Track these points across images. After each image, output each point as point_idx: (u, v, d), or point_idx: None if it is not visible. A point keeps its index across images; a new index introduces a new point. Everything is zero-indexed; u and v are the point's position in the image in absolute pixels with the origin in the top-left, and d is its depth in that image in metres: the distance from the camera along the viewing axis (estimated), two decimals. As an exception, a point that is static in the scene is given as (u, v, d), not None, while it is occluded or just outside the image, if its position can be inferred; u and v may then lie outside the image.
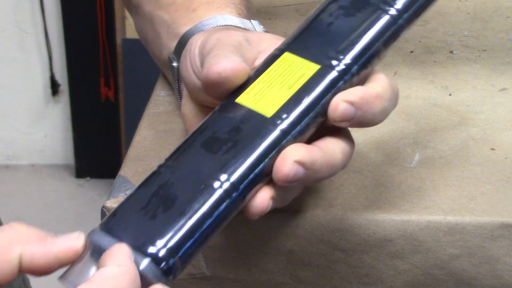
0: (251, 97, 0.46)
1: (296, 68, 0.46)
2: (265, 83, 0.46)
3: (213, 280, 0.56)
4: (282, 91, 0.45)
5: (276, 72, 0.46)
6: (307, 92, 0.45)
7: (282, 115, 0.44)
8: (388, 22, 0.46)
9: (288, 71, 0.46)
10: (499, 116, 0.64)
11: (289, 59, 0.46)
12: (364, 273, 0.54)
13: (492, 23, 0.80)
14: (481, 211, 0.53)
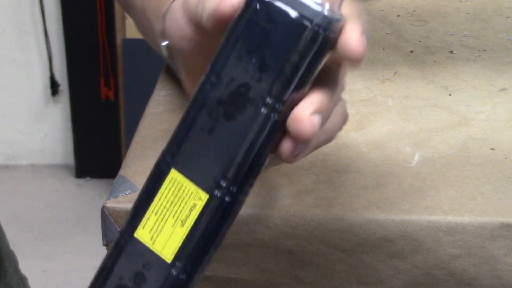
0: (148, 232, 0.45)
1: (186, 195, 0.44)
2: (159, 214, 0.45)
3: (213, 280, 0.56)
4: (176, 228, 0.45)
5: (167, 199, 0.45)
6: (200, 231, 0.44)
7: (180, 260, 0.44)
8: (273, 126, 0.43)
9: (179, 199, 0.44)
10: (499, 116, 0.64)
11: (178, 181, 0.44)
12: (364, 273, 0.54)
13: (492, 23, 0.80)
14: (481, 211, 0.53)
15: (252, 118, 0.43)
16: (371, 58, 0.73)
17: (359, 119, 0.63)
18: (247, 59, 0.42)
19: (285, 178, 0.56)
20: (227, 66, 0.43)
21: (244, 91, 0.43)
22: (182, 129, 0.44)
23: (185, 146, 0.44)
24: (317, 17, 0.42)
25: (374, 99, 0.66)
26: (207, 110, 0.43)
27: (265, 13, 0.42)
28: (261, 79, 0.42)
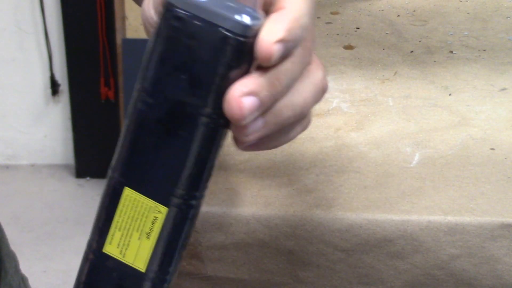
0: (116, 247, 0.46)
1: (145, 209, 0.45)
2: (123, 230, 0.45)
3: (213, 280, 0.56)
4: (143, 240, 0.45)
5: (127, 215, 0.45)
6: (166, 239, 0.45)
7: (153, 267, 0.45)
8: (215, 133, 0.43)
9: (139, 214, 0.45)
10: (499, 116, 0.64)
11: (134, 198, 0.45)
12: (364, 273, 0.54)
13: (492, 23, 0.80)
14: (481, 211, 0.53)
15: (193, 131, 0.43)
16: (371, 58, 0.73)
17: (359, 119, 0.63)
18: (175, 76, 0.42)
19: (285, 178, 0.57)
20: (157, 86, 0.43)
21: (180, 107, 0.43)
22: (127, 149, 0.44)
23: (134, 165, 0.44)
24: (237, 26, 0.42)
25: (374, 99, 0.66)
26: (147, 129, 0.43)
27: (184, 30, 0.42)
28: (195, 94, 0.42)
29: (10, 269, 0.83)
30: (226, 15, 0.41)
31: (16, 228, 2.15)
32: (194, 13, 0.42)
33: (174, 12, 0.42)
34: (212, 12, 0.42)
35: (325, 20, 0.81)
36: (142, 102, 0.43)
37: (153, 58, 0.43)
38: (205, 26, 0.42)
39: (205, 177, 0.44)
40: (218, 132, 0.43)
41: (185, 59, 0.42)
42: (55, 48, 2.28)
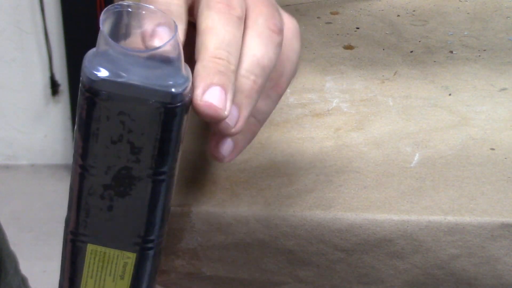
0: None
1: (113, 258, 0.46)
2: (95, 277, 0.46)
3: (213, 280, 0.56)
4: (117, 282, 0.46)
5: (96, 265, 0.46)
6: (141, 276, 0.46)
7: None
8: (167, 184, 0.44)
9: (109, 262, 0.46)
10: (499, 116, 0.64)
11: (99, 251, 0.46)
12: (364, 273, 0.54)
13: (492, 23, 0.80)
14: (481, 211, 0.53)
15: (143, 190, 0.44)
16: (371, 58, 0.73)
17: (359, 119, 0.63)
18: (115, 147, 0.43)
19: (285, 178, 0.57)
20: (98, 157, 0.43)
21: (126, 172, 0.43)
22: (82, 211, 0.45)
23: (92, 225, 0.45)
24: (165, 97, 0.42)
25: (374, 99, 0.66)
26: (97, 195, 0.44)
27: (113, 109, 0.42)
28: (138, 159, 0.43)
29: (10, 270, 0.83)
30: (151, 88, 0.41)
31: (16, 228, 2.15)
32: (120, 92, 0.41)
33: (100, 95, 0.41)
34: (139, 87, 0.41)
35: (325, 20, 0.81)
36: (86, 173, 0.44)
37: (88, 135, 0.43)
38: (133, 103, 0.42)
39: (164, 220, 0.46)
40: (166, 183, 0.44)
41: (121, 133, 0.42)
42: (55, 48, 2.28)
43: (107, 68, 0.41)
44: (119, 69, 0.41)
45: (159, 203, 0.44)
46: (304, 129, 0.62)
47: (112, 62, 0.42)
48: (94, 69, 0.41)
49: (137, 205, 0.44)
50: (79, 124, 0.43)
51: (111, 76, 0.41)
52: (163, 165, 0.43)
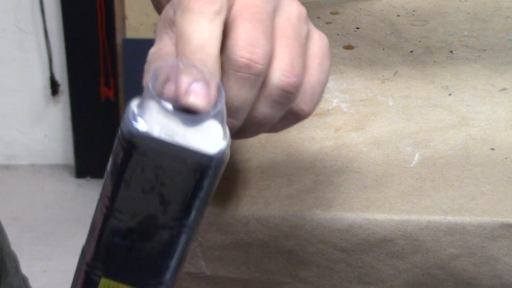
0: None
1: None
2: None
3: (213, 280, 0.56)
4: None
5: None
6: None
7: None
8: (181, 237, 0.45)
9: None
10: (499, 116, 0.64)
11: (111, 285, 0.46)
12: (364, 273, 0.54)
13: (492, 23, 0.80)
14: (481, 211, 0.53)
15: (166, 237, 0.44)
16: (371, 58, 0.73)
17: (359, 119, 0.64)
18: (144, 196, 0.43)
19: (285, 178, 0.57)
20: (126, 203, 0.43)
21: (152, 220, 0.44)
22: (102, 248, 0.45)
23: (109, 261, 0.45)
24: (203, 159, 0.42)
25: (374, 99, 0.66)
26: (120, 235, 0.44)
27: (150, 163, 0.42)
28: (165, 210, 0.43)
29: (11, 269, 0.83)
30: (190, 149, 0.42)
31: (16, 228, 2.16)
32: (158, 148, 0.42)
33: (138, 148, 0.42)
34: (177, 146, 0.42)
35: (325, 20, 0.81)
36: (112, 215, 0.44)
37: (120, 182, 0.43)
38: (170, 160, 0.42)
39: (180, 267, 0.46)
40: (188, 234, 0.44)
41: (153, 184, 0.43)
42: (55, 48, 2.28)
43: (148, 122, 0.42)
44: (160, 125, 0.42)
45: (177, 251, 0.45)
46: (304, 129, 0.62)
47: (154, 116, 0.42)
48: (135, 121, 0.42)
49: (157, 250, 0.45)
50: (112, 169, 0.43)
51: (152, 131, 0.41)
52: (188, 219, 0.44)
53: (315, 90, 0.47)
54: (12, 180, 2.39)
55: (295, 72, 0.46)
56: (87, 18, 2.17)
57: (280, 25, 0.47)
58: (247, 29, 0.45)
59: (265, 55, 0.45)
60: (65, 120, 2.38)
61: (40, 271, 2.01)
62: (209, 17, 0.44)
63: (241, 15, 0.45)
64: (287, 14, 0.47)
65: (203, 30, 0.44)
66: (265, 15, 0.46)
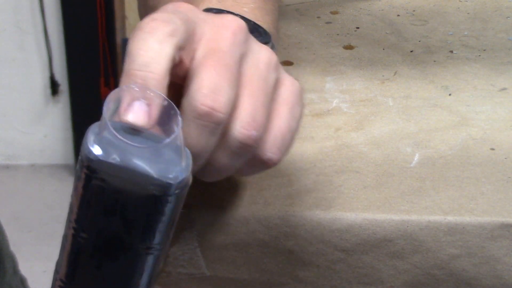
0: None
1: None
2: None
3: (213, 280, 0.56)
4: None
5: None
6: None
7: None
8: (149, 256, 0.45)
9: None
10: (499, 116, 0.64)
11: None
12: (364, 273, 0.54)
13: (492, 23, 0.80)
14: (481, 211, 0.53)
15: (132, 258, 0.44)
16: (371, 58, 0.73)
17: (359, 119, 0.63)
18: (107, 219, 0.43)
19: (285, 178, 0.56)
20: (91, 225, 0.44)
21: (117, 241, 0.44)
22: (72, 265, 0.45)
23: (81, 278, 0.46)
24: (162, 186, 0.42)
25: (374, 99, 0.66)
26: (87, 254, 0.44)
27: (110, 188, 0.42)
28: (129, 232, 0.43)
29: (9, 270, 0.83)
30: (149, 175, 0.42)
31: (16, 228, 2.15)
32: (117, 174, 0.42)
33: (96, 173, 0.42)
34: (135, 172, 0.41)
35: (325, 20, 0.81)
36: (78, 236, 0.44)
37: (83, 204, 0.43)
38: (130, 185, 0.42)
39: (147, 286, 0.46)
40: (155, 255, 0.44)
41: (114, 207, 0.43)
42: (55, 48, 2.27)
43: (106, 148, 0.42)
44: (118, 151, 0.42)
45: (146, 271, 0.45)
46: (304, 129, 0.62)
47: (111, 142, 0.42)
48: (93, 147, 0.42)
49: (125, 269, 0.45)
50: (75, 192, 0.43)
51: (109, 157, 0.42)
52: (153, 241, 0.44)
53: (285, 138, 0.47)
54: (12, 180, 2.39)
55: (255, 124, 0.45)
56: (87, 18, 2.17)
57: (247, 72, 0.46)
58: (210, 76, 0.44)
59: (227, 104, 0.44)
60: (65, 120, 2.38)
61: (40, 271, 2.00)
62: (159, 37, 0.44)
63: (206, 60, 0.45)
64: (255, 61, 0.47)
65: (150, 49, 0.43)
66: (231, 61, 0.45)
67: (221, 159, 0.46)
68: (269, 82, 0.47)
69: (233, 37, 0.46)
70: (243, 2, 0.57)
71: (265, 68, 0.47)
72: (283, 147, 0.47)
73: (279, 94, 0.47)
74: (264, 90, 0.46)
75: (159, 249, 0.44)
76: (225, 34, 0.46)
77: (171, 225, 0.44)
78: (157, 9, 0.63)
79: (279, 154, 0.47)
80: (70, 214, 0.45)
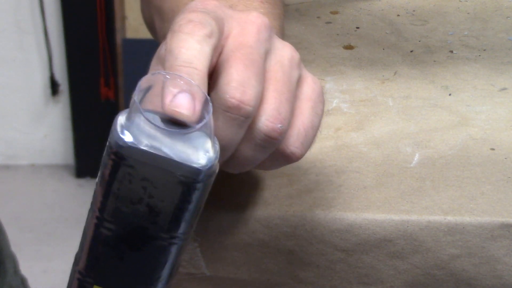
0: None
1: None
2: None
3: (213, 280, 0.56)
4: None
5: None
6: None
7: None
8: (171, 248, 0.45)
9: None
10: (499, 116, 0.64)
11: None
12: (364, 273, 0.54)
13: (492, 23, 0.80)
14: (481, 211, 0.53)
15: (156, 248, 0.44)
16: (371, 58, 0.73)
17: (359, 119, 0.63)
18: (133, 208, 0.43)
19: (285, 178, 0.57)
20: (115, 214, 0.44)
21: (141, 231, 0.44)
22: (93, 257, 0.45)
23: (101, 271, 0.46)
24: (190, 172, 0.42)
25: (374, 99, 0.66)
26: (111, 245, 0.45)
27: (138, 175, 0.42)
28: (155, 221, 0.43)
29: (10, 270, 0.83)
30: (178, 162, 0.42)
31: (16, 228, 2.15)
32: (145, 161, 0.42)
33: (125, 160, 0.42)
34: (164, 159, 0.42)
35: (325, 20, 0.81)
36: (102, 226, 0.44)
37: (109, 192, 0.43)
38: (158, 172, 0.42)
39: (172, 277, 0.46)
40: (179, 245, 0.45)
41: (141, 196, 0.43)
42: (55, 48, 2.28)
43: (136, 135, 0.42)
44: (147, 137, 0.42)
45: (168, 262, 0.45)
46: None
47: (141, 129, 0.42)
48: (122, 134, 0.42)
49: (147, 260, 0.45)
50: (101, 180, 0.44)
51: (139, 143, 0.42)
52: (178, 230, 0.44)
53: (308, 133, 0.48)
54: (12, 180, 2.39)
55: (281, 118, 0.46)
56: (87, 18, 2.17)
57: (271, 68, 0.47)
58: (239, 70, 0.45)
59: (255, 97, 0.45)
60: (65, 120, 2.38)
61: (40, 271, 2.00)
62: (199, 38, 0.45)
63: (234, 54, 0.46)
64: (279, 57, 0.47)
65: (192, 48, 0.44)
66: (257, 56, 0.46)
67: (246, 152, 0.47)
68: (292, 79, 0.47)
69: (258, 33, 0.47)
70: (253, 7, 0.58)
71: (289, 65, 0.48)
72: (306, 142, 0.48)
73: (301, 92, 0.48)
74: (288, 86, 0.47)
75: (183, 239, 0.44)
76: (251, 30, 0.47)
77: (196, 215, 0.44)
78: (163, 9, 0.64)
79: (302, 149, 0.48)
80: (93, 204, 0.45)
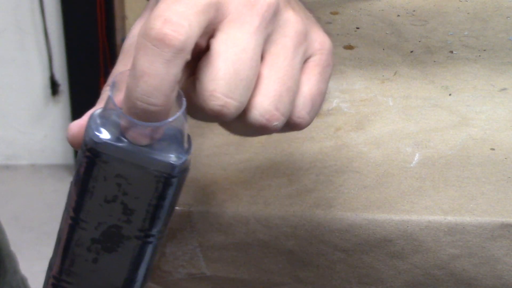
0: None
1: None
2: None
3: (213, 280, 0.56)
4: None
5: None
6: None
7: None
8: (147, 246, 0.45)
9: None
10: (499, 116, 0.64)
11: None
12: (364, 273, 0.54)
13: (492, 23, 0.80)
14: (481, 211, 0.53)
15: (130, 248, 0.44)
16: (371, 58, 0.73)
17: (359, 119, 0.63)
18: (108, 206, 0.43)
19: (285, 178, 0.57)
20: (90, 213, 0.44)
21: (116, 230, 0.44)
22: (68, 260, 0.45)
23: (76, 274, 0.46)
24: (165, 167, 0.42)
25: (374, 99, 0.66)
26: (84, 247, 0.45)
27: (112, 171, 0.42)
28: (129, 220, 0.43)
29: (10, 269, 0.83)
30: (152, 157, 0.42)
31: (16, 228, 2.15)
32: (120, 156, 0.42)
33: (100, 156, 0.42)
34: (138, 154, 0.42)
35: (325, 20, 0.81)
36: (76, 226, 0.44)
37: (84, 191, 0.43)
38: (132, 168, 0.42)
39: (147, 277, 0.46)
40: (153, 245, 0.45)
41: (115, 194, 0.43)
42: (55, 48, 2.27)
43: (110, 131, 0.42)
44: (121, 134, 0.42)
45: (143, 262, 0.45)
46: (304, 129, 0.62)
47: (116, 125, 0.42)
48: (97, 130, 0.42)
49: (122, 261, 0.45)
50: (76, 179, 0.44)
51: (113, 139, 0.42)
52: (152, 229, 0.44)
53: (315, 102, 0.45)
54: (12, 180, 2.39)
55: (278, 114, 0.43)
56: (87, 18, 2.17)
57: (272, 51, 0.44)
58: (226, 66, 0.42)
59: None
60: (65, 120, 2.38)
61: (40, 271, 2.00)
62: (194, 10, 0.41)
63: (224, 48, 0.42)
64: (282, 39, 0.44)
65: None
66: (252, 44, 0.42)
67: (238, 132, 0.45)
68: (296, 60, 0.44)
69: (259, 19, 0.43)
70: None
71: (293, 46, 0.44)
72: (313, 112, 0.45)
73: (309, 59, 0.46)
74: (291, 72, 0.44)
75: (157, 238, 0.45)
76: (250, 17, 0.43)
77: (170, 213, 0.44)
78: None
79: (308, 119, 0.45)
80: (68, 205, 0.45)
